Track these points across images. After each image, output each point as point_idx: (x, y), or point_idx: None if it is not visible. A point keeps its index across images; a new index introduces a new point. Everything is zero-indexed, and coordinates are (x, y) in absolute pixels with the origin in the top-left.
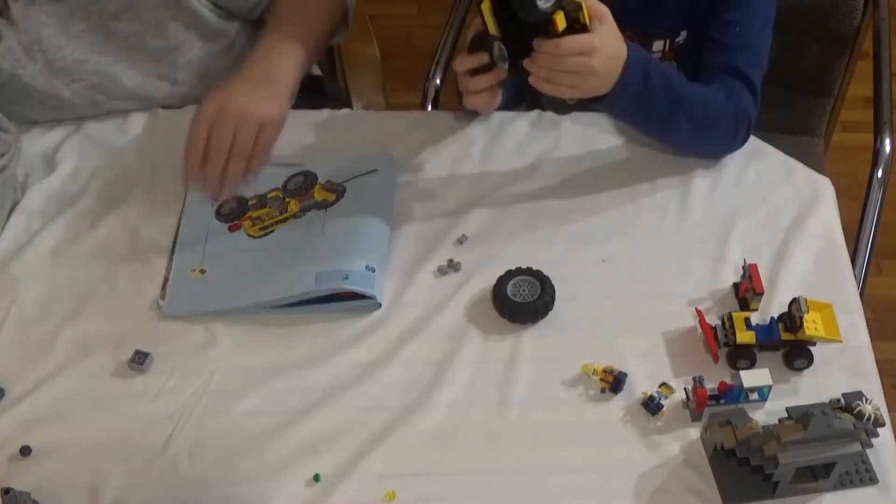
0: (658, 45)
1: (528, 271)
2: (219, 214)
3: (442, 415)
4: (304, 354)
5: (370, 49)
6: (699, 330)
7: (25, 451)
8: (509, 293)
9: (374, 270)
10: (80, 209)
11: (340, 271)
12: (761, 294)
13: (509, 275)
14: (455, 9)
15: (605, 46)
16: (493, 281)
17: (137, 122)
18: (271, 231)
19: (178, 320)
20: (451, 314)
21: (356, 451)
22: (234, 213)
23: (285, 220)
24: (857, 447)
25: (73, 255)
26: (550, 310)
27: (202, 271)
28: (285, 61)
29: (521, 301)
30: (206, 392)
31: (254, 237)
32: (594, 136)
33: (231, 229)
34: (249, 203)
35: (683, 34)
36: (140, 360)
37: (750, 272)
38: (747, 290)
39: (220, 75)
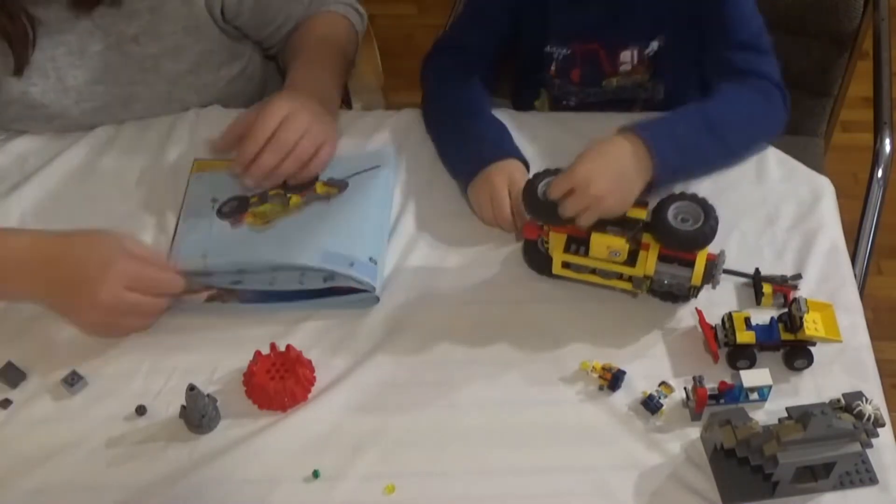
0: (626, 56)
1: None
2: (220, 213)
3: (440, 413)
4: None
5: (370, 49)
6: (699, 330)
7: None
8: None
9: (375, 263)
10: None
11: (347, 256)
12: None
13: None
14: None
15: (590, 169)
16: (490, 280)
17: (130, 128)
18: (273, 226)
19: (175, 320)
20: (450, 312)
21: (354, 450)
22: (234, 212)
23: (288, 213)
24: (856, 447)
25: None
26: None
27: (203, 256)
28: (331, 91)
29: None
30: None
31: (257, 230)
32: (593, 136)
33: (233, 224)
34: (251, 201)
35: (654, 44)
36: (72, 381)
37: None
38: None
39: (232, 100)
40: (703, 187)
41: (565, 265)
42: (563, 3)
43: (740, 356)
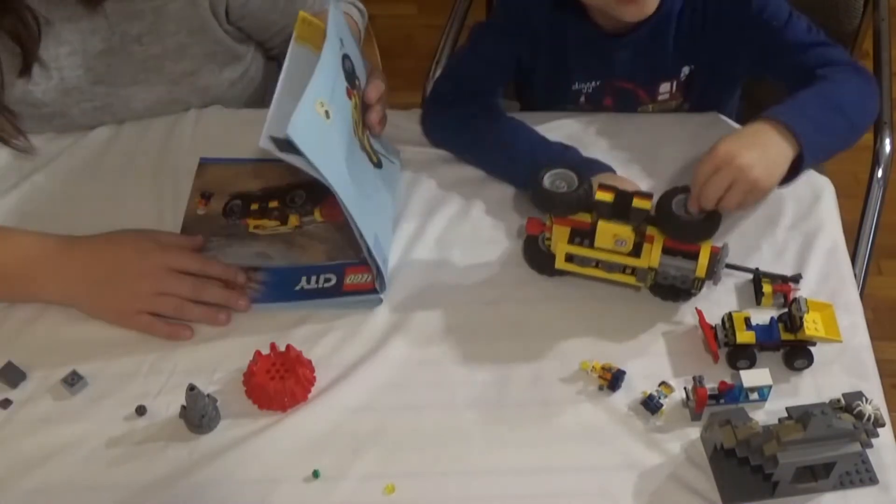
0: (665, 87)
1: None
2: (344, 60)
3: (440, 413)
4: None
5: (370, 49)
6: (699, 330)
7: None
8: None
9: (386, 265)
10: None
11: (382, 250)
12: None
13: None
14: (455, 9)
15: (732, 145)
16: (490, 280)
17: (131, 128)
18: (357, 134)
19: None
20: (450, 312)
21: (354, 450)
22: (349, 76)
23: (362, 136)
24: (857, 447)
25: None
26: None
27: (327, 112)
28: None
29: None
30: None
31: (354, 120)
32: (591, 137)
33: (348, 93)
34: (357, 81)
35: (686, 69)
36: (72, 381)
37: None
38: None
39: (233, 102)
40: None
41: (568, 259)
42: (586, 53)
43: (740, 356)
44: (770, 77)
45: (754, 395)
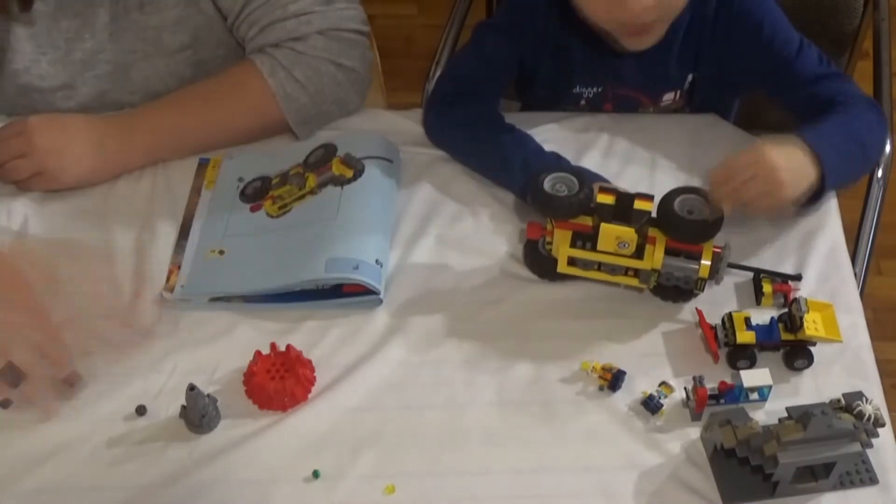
0: (668, 97)
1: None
2: (243, 195)
3: (440, 413)
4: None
5: (370, 49)
6: (699, 330)
7: None
8: (547, 189)
9: (381, 265)
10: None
11: (352, 260)
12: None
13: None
14: (455, 9)
15: (767, 146)
16: (491, 280)
17: None
18: (288, 210)
19: (176, 319)
20: (450, 312)
21: (354, 450)
22: (257, 193)
23: (302, 196)
24: (857, 447)
25: None
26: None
27: (221, 252)
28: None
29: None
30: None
31: (272, 216)
32: (591, 137)
33: (252, 209)
34: (273, 182)
35: (689, 77)
36: (72, 381)
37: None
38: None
39: None
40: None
41: (571, 262)
42: (591, 59)
43: (740, 356)
44: (782, 107)
45: (754, 395)
